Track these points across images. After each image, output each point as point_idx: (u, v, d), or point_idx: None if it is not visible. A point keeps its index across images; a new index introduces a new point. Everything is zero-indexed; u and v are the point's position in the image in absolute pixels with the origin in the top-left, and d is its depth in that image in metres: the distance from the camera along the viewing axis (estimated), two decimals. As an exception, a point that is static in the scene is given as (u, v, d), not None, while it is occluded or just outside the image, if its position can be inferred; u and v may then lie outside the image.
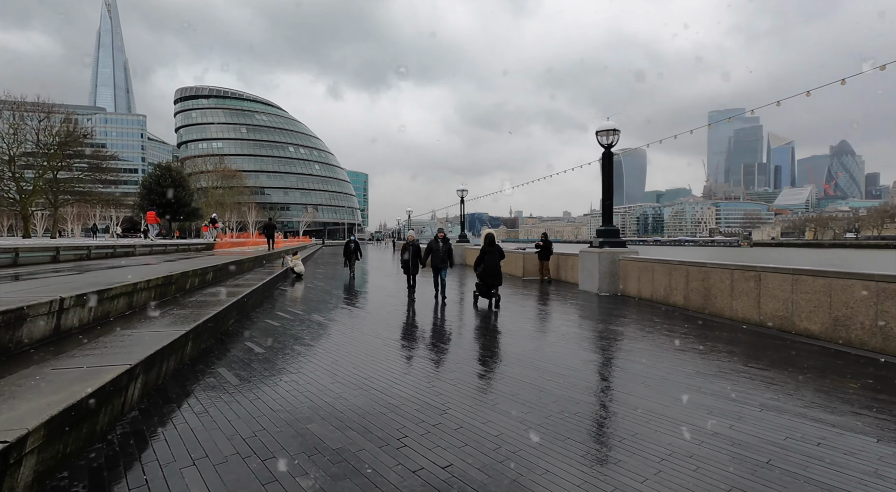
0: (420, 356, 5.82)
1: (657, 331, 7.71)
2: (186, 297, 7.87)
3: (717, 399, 4.29)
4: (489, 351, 6.29)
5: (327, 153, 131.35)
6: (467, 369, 5.31)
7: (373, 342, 6.53)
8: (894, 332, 5.94)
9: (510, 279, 17.39)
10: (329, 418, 3.72)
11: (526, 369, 5.21)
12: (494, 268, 10.27)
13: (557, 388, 4.58)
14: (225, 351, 5.85)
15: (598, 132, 13.09)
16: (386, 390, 4.44)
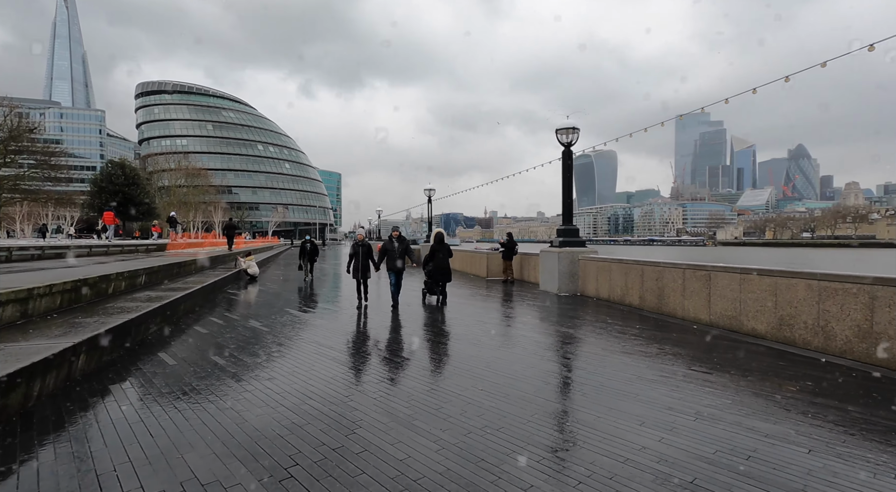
0: (351, 367, 5.39)
1: (608, 333, 7.51)
2: (106, 303, 7.18)
3: (653, 408, 4.03)
4: (428, 360, 5.92)
5: (298, 152, 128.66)
6: (398, 379, 4.92)
7: (303, 352, 6.05)
8: (835, 331, 5.88)
9: (474, 280, 17.12)
10: (214, 443, 3.25)
11: (461, 379, 4.86)
12: (443, 266, 10.60)
13: (488, 399, 4.24)
14: (131, 364, 5.27)
15: (557, 130, 12.93)
16: (296, 406, 3.99)
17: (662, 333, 7.31)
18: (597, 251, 12.60)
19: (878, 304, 5.39)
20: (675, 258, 9.83)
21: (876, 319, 5.42)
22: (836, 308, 5.86)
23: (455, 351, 6.22)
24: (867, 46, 7.59)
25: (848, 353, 5.72)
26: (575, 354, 6.06)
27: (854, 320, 5.66)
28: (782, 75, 10.10)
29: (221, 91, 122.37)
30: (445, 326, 8.13)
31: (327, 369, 5.14)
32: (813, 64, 8.69)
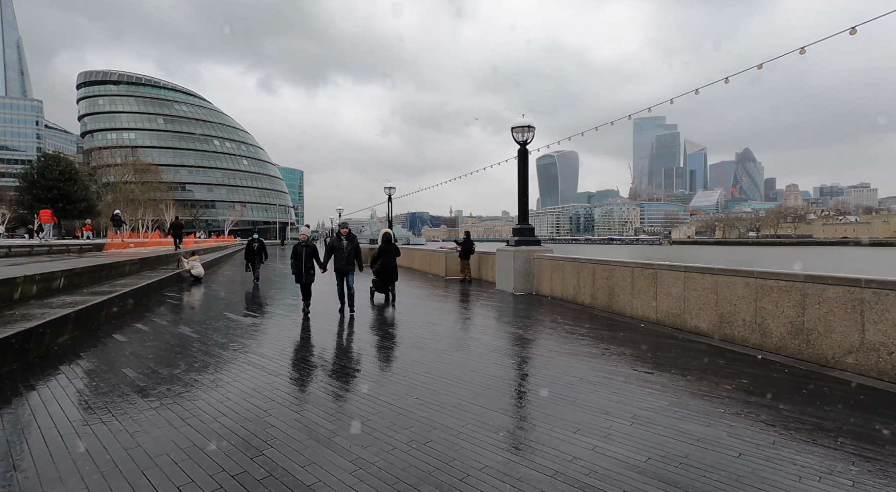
0: (278, 377, 4.99)
1: (557, 333, 7.43)
2: (8, 309, 6.42)
3: (591, 413, 3.89)
4: (366, 367, 5.60)
5: (257, 148, 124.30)
6: (328, 390, 4.57)
7: (230, 362, 5.58)
8: (770, 328, 6.00)
9: (432, 279, 16.87)
10: (90, 476, 2.80)
11: (397, 387, 4.58)
12: (391, 265, 10.63)
13: (421, 408, 3.97)
14: (22, 381, 4.65)
15: (513, 129, 12.87)
16: (204, 425, 3.58)
17: (610, 333, 7.30)
18: (552, 250, 12.63)
19: (809, 301, 5.53)
20: (625, 257, 9.93)
21: (807, 316, 5.55)
22: (772, 305, 5.99)
23: (397, 356, 5.92)
24: (798, 49, 7.88)
25: (782, 349, 5.85)
26: (521, 356, 5.90)
27: (787, 317, 5.79)
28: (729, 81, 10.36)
29: (174, 83, 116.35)
30: (393, 328, 7.82)
31: (252, 380, 4.72)
32: (750, 66, 8.96)
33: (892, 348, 4.73)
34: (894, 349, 4.70)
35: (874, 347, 4.88)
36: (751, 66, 8.64)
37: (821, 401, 4.17)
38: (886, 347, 4.77)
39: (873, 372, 4.88)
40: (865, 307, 4.96)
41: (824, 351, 5.36)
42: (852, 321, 5.08)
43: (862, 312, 4.99)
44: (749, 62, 9.17)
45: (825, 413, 3.87)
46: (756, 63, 9.54)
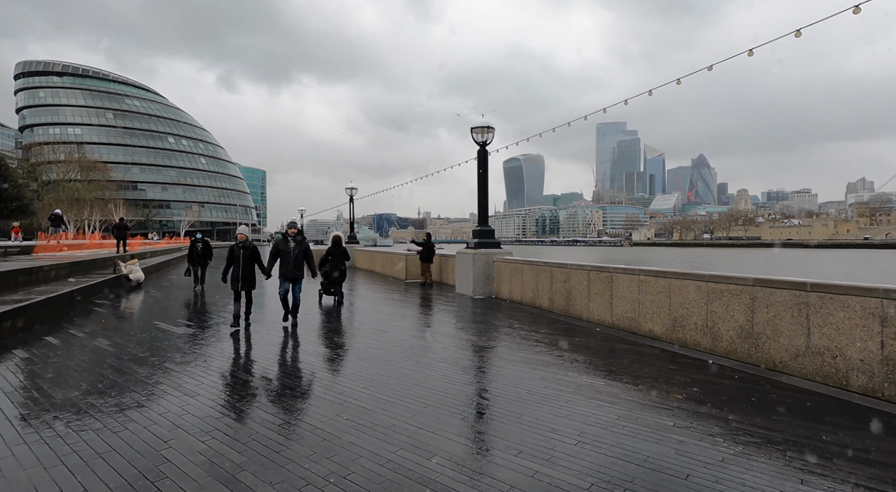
0: (195, 397, 4.45)
1: (512, 339, 7.17)
2: None
3: (536, 431, 3.60)
4: (297, 383, 5.12)
5: (216, 147, 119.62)
6: (248, 412, 4.09)
7: (143, 380, 4.98)
8: (721, 332, 5.95)
9: (393, 283, 16.41)
10: None
11: (327, 406, 4.14)
12: (339, 268, 10.68)
13: (350, 432, 3.56)
14: None
15: (472, 129, 12.61)
16: (81, 466, 3.03)
17: (565, 338, 7.10)
18: (511, 253, 12.45)
19: (758, 304, 5.48)
20: (583, 260, 9.84)
21: (756, 320, 5.51)
22: (722, 309, 5.93)
23: (336, 370, 5.46)
24: (747, 51, 7.99)
25: (732, 353, 5.79)
26: (471, 366, 5.58)
27: (737, 321, 5.73)
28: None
29: (125, 77, 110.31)
30: (339, 337, 7.34)
31: (162, 403, 4.17)
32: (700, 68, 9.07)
33: (836, 353, 4.70)
34: (838, 354, 4.68)
35: (819, 351, 4.85)
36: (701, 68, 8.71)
37: (769, 409, 4.05)
38: (831, 351, 4.74)
39: (818, 376, 4.85)
40: (811, 311, 4.93)
41: (772, 355, 5.32)
42: (799, 325, 5.04)
43: (808, 316, 4.96)
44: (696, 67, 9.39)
45: (773, 423, 3.74)
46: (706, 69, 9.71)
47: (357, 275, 20.14)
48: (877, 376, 4.37)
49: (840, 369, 4.66)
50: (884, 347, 4.32)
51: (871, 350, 4.41)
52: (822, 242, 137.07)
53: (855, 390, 4.51)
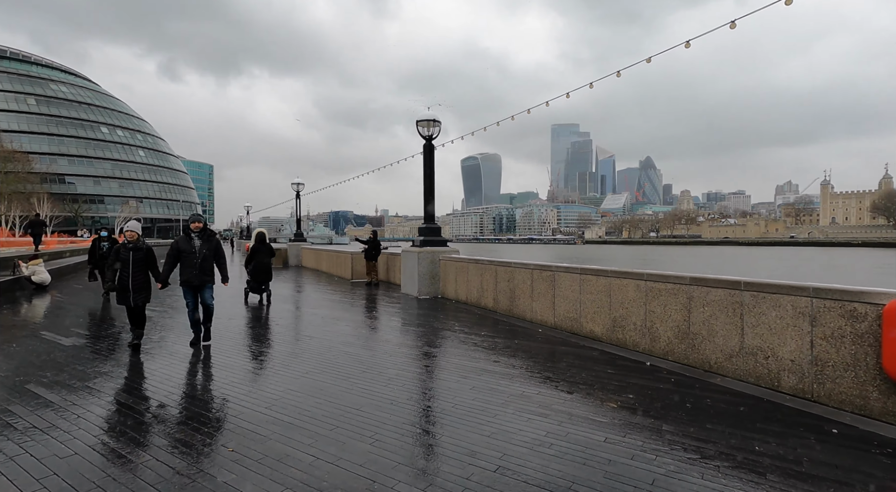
0: (52, 424, 3.68)
1: (450, 343, 6.74)
2: None
3: (451, 458, 3.15)
4: (187, 405, 4.43)
5: (157, 138, 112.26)
6: (109, 446, 3.39)
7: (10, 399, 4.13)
8: (659, 332, 5.79)
9: (338, 283, 15.65)
10: None
11: (210, 435, 3.52)
12: (264, 265, 10.55)
13: (227, 468, 2.97)
14: None
15: (418, 122, 12.10)
16: None
17: (505, 341, 6.76)
18: (458, 251, 12.07)
19: (695, 304, 5.34)
20: (528, 258, 9.59)
21: (692, 320, 5.37)
22: (660, 308, 5.77)
23: (238, 386, 4.78)
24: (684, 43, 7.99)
25: (670, 354, 5.64)
26: (397, 376, 5.08)
27: (675, 321, 5.59)
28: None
29: (51, 60, 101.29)
30: (256, 345, 6.62)
31: (39, 434, 3.38)
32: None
33: (768, 353, 4.59)
34: (770, 354, 4.57)
35: (752, 351, 4.73)
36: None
37: (703, 417, 3.83)
38: (763, 351, 4.63)
39: (751, 378, 4.73)
40: (745, 310, 4.81)
41: (708, 356, 5.19)
42: (733, 325, 4.92)
43: (742, 316, 4.84)
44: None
45: (707, 434, 3.50)
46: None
47: (304, 274, 19.17)
48: (806, 376, 4.28)
49: (772, 370, 4.56)
50: (813, 347, 4.23)
51: (802, 350, 4.31)
52: (754, 240, 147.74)
53: (786, 391, 4.42)
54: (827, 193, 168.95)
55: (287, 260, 24.76)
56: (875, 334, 3.81)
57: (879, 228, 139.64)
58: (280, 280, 16.47)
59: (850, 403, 3.97)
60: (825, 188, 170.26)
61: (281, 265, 24.14)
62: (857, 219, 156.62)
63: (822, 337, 4.17)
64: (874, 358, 3.82)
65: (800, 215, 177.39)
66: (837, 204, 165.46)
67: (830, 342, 4.11)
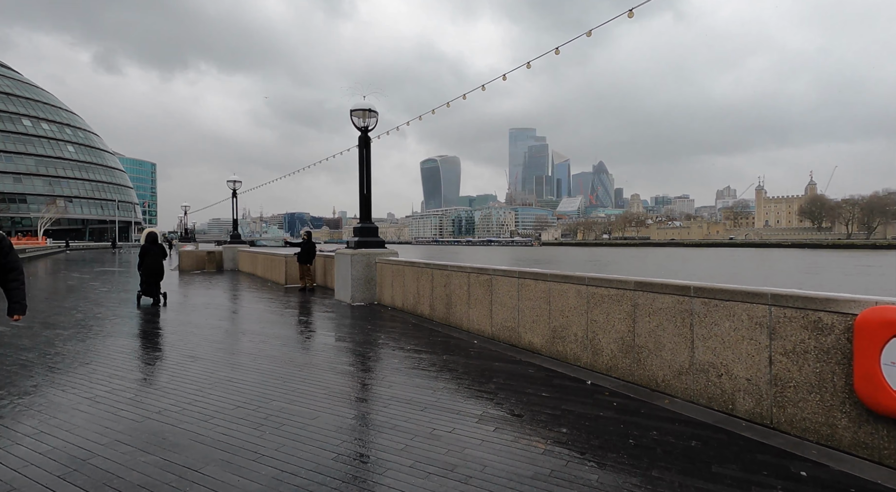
0: None
1: (368, 362, 5.75)
2: None
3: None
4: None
5: (89, 133, 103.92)
6: None
7: None
8: (602, 345, 5.08)
9: (272, 288, 14.24)
10: None
11: None
12: (156, 266, 10.35)
13: None
14: None
15: (352, 112, 11.04)
16: None
17: (433, 356, 5.85)
18: (397, 253, 11.09)
19: (640, 312, 4.65)
20: (463, 261, 8.77)
21: (638, 330, 4.67)
22: (603, 317, 5.06)
23: (56, 430, 3.59)
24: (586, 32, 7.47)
25: (613, 369, 4.93)
26: (278, 414, 4.04)
27: (619, 332, 4.88)
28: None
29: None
30: (118, 371, 5.35)
31: None
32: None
33: (721, 370, 3.93)
34: (724, 372, 3.91)
35: (704, 368, 4.07)
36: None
37: (648, 458, 3.07)
38: (716, 368, 3.97)
39: (703, 399, 4.06)
40: (695, 320, 4.14)
41: (654, 372, 4.50)
42: (682, 337, 4.25)
43: (692, 327, 4.17)
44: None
45: (654, 483, 2.72)
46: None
47: (236, 279, 17.51)
48: (765, 398, 3.63)
49: (726, 391, 3.90)
50: (772, 364, 3.59)
51: (759, 368, 3.67)
52: (697, 241, 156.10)
53: (742, 415, 3.76)
54: (761, 197, 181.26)
55: (222, 264, 22.82)
56: (843, 350, 3.19)
57: (807, 230, 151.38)
58: (205, 286, 14.83)
59: (815, 431, 3.33)
60: (759, 193, 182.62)
61: (214, 269, 22.21)
62: (787, 222, 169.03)
63: (781, 352, 3.53)
64: (842, 379, 3.20)
65: (738, 218, 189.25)
66: (770, 208, 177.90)
67: (792, 359, 3.47)
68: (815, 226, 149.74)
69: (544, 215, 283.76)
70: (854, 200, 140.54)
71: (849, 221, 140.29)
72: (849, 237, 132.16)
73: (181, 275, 19.78)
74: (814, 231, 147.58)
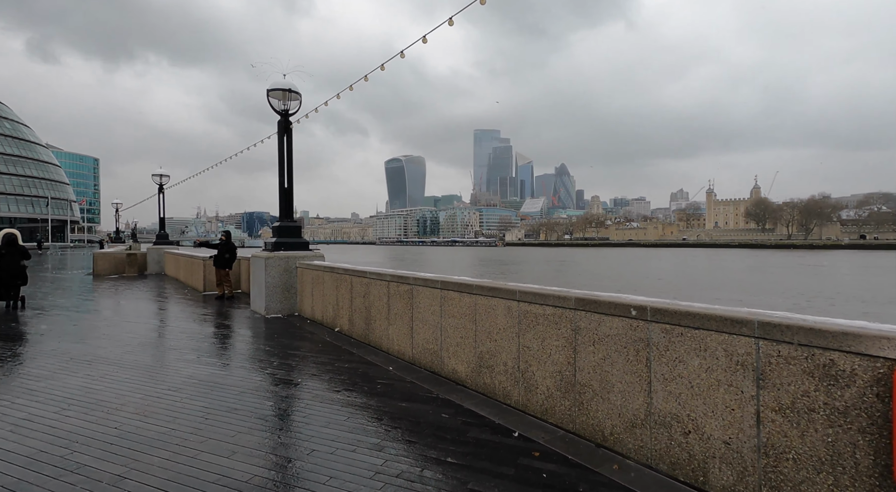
0: None
1: (244, 400, 4.32)
2: None
3: None
4: None
5: (18, 124, 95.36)
6: None
7: None
8: (536, 379, 3.89)
9: (188, 294, 12.40)
10: None
11: None
12: (12, 269, 9.95)
13: None
14: None
15: (269, 92, 9.48)
16: None
17: (331, 393, 4.50)
18: (322, 255, 9.62)
19: (582, 339, 3.49)
20: (383, 268, 7.45)
21: (580, 362, 3.51)
22: (537, 344, 3.87)
23: None
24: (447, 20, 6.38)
25: (550, 413, 3.75)
26: (85, 474, 2.59)
27: (557, 363, 3.70)
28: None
29: None
30: None
31: None
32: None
33: (688, 426, 2.80)
34: (692, 428, 2.79)
35: (664, 420, 2.93)
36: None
37: None
38: (681, 422, 2.84)
39: (663, 464, 2.93)
40: (653, 354, 3.00)
41: (601, 421, 3.34)
42: (636, 376, 3.11)
43: (648, 362, 3.03)
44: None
45: None
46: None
47: (156, 285, 15.45)
48: (750, 472, 2.52)
49: (695, 455, 2.77)
50: (761, 423, 2.47)
51: (742, 427, 2.55)
52: (653, 242, 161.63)
53: (718, 493, 2.64)
54: (711, 200, 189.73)
55: (145, 267, 20.45)
56: (871, 412, 2.10)
57: (752, 231, 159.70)
58: (109, 293, 12.76)
59: (826, 529, 2.24)
60: (709, 196, 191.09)
61: (136, 273, 19.84)
62: (735, 223, 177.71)
63: (775, 408, 2.42)
64: (869, 454, 2.11)
65: (690, 220, 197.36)
66: (719, 210, 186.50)
67: (790, 419, 2.37)
68: (759, 227, 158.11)
69: (508, 216, 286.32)
70: (794, 204, 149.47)
71: (789, 222, 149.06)
72: (789, 238, 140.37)
73: (95, 280, 17.44)
74: (758, 232, 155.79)
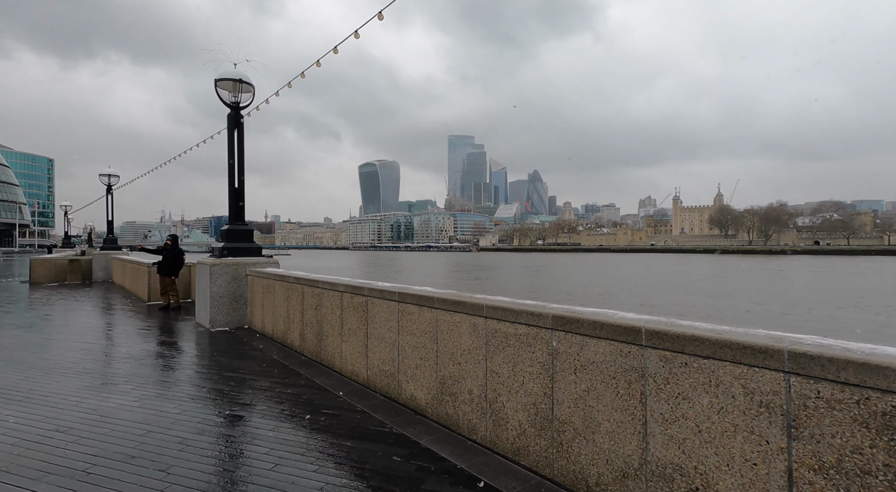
0: None
1: (174, 429, 3.50)
2: None
3: None
4: None
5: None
6: None
7: None
8: (506, 412, 3.25)
9: (129, 305, 11.26)
10: None
11: None
12: None
13: None
14: None
15: (218, 83, 8.61)
16: None
17: (266, 422, 3.74)
18: (277, 262, 8.77)
19: (560, 364, 2.87)
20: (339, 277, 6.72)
21: (558, 394, 2.89)
22: (508, 369, 3.24)
23: None
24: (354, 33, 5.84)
25: (522, 454, 3.12)
26: None
27: (530, 394, 3.08)
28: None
29: None
30: None
31: None
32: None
33: (696, 483, 2.21)
34: (701, 485, 2.20)
35: (665, 473, 2.34)
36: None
37: None
38: (687, 476, 2.24)
39: (665, 527, 2.33)
40: (649, 387, 2.41)
41: (584, 467, 2.73)
42: (628, 414, 2.51)
43: (643, 398, 2.44)
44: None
45: None
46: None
47: (101, 293, 14.13)
48: (779, 546, 1.94)
49: (705, 520, 2.18)
50: (794, 484, 1.90)
51: (769, 487, 1.98)
52: (623, 247, 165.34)
53: (735, 570, 2.05)
54: (677, 207, 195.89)
55: (90, 274, 18.86)
56: (954, 480, 1.55)
57: (716, 237, 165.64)
58: (41, 303, 11.43)
59: None
60: (676, 203, 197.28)
61: (80, 281, 18.26)
62: (700, 229, 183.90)
63: (814, 466, 1.85)
64: (951, 537, 1.55)
65: (657, 226, 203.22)
66: (685, 217, 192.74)
67: (835, 482, 1.80)
68: (722, 233, 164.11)
69: (482, 221, 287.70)
70: (754, 211, 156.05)
71: (750, 229, 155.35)
72: (750, 243, 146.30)
73: (31, 289, 15.89)
74: (722, 238, 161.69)
